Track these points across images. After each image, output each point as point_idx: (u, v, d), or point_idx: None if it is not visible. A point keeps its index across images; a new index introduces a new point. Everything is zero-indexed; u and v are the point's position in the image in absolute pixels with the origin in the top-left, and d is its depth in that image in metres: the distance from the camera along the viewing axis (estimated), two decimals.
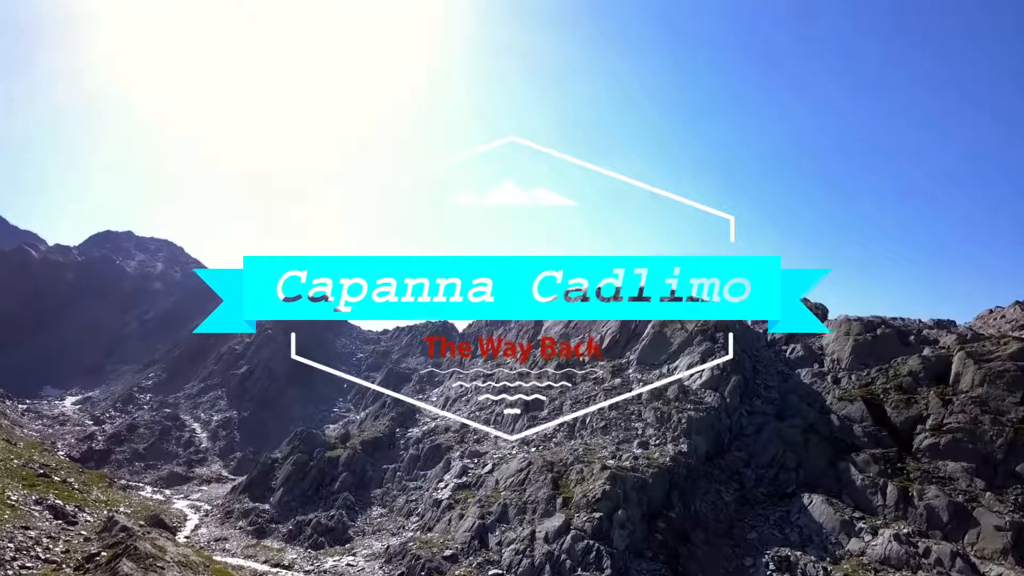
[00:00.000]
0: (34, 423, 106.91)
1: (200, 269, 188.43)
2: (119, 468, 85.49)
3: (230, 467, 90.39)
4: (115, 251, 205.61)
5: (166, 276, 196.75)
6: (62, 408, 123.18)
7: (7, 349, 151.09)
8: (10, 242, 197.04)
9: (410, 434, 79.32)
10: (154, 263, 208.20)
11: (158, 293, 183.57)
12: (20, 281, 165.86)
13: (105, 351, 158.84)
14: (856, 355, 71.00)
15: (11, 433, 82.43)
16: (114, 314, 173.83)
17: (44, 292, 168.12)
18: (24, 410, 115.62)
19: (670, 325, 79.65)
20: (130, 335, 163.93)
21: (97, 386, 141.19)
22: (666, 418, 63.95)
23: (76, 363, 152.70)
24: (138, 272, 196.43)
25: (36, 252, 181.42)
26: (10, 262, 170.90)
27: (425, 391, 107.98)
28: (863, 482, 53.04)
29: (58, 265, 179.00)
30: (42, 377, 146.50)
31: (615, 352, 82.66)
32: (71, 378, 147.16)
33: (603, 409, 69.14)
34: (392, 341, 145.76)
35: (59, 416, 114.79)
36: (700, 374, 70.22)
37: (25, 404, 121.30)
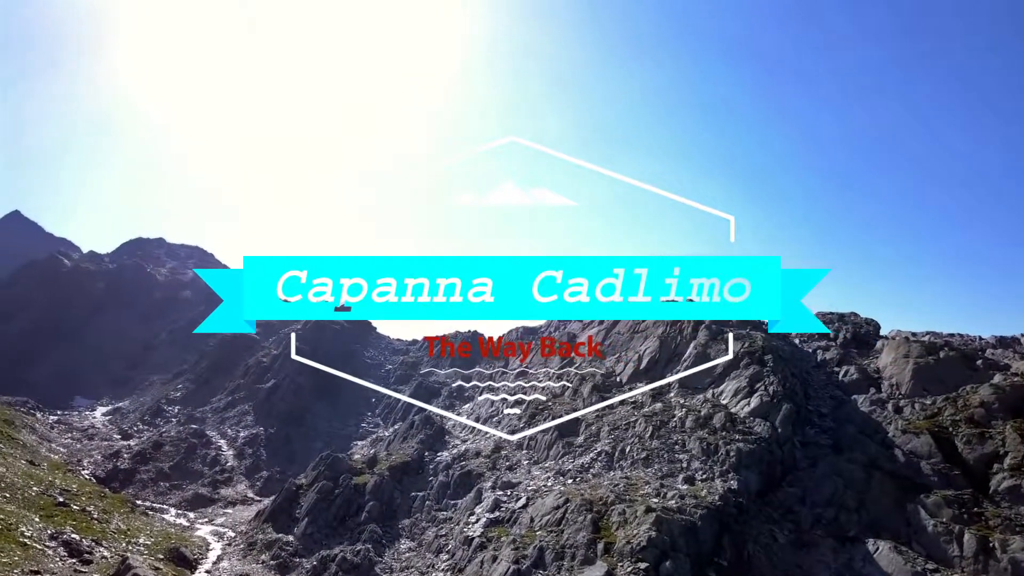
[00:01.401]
0: (63, 436, 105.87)
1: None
2: (144, 488, 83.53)
3: (256, 487, 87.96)
4: (146, 258, 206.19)
5: (196, 284, 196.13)
6: (92, 420, 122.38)
7: (39, 359, 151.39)
8: (44, 249, 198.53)
9: (440, 458, 75.96)
10: (184, 270, 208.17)
11: (187, 302, 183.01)
12: (52, 290, 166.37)
13: (135, 361, 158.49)
14: (917, 380, 66.06)
15: (36, 452, 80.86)
16: (144, 323, 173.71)
17: (75, 301, 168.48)
18: (55, 422, 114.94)
19: (714, 346, 75.32)
20: (159, 344, 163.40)
21: (127, 396, 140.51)
22: (713, 450, 59.69)
23: (106, 373, 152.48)
24: (168, 280, 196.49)
25: (68, 260, 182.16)
26: (42, 271, 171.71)
27: (455, 406, 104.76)
28: (935, 528, 48.34)
29: (89, 274, 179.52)
30: (73, 387, 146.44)
31: (655, 373, 78.50)
32: (102, 388, 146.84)
33: (643, 438, 65.15)
34: (421, 352, 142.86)
35: (88, 429, 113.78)
36: (748, 401, 65.79)
37: (56, 415, 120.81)
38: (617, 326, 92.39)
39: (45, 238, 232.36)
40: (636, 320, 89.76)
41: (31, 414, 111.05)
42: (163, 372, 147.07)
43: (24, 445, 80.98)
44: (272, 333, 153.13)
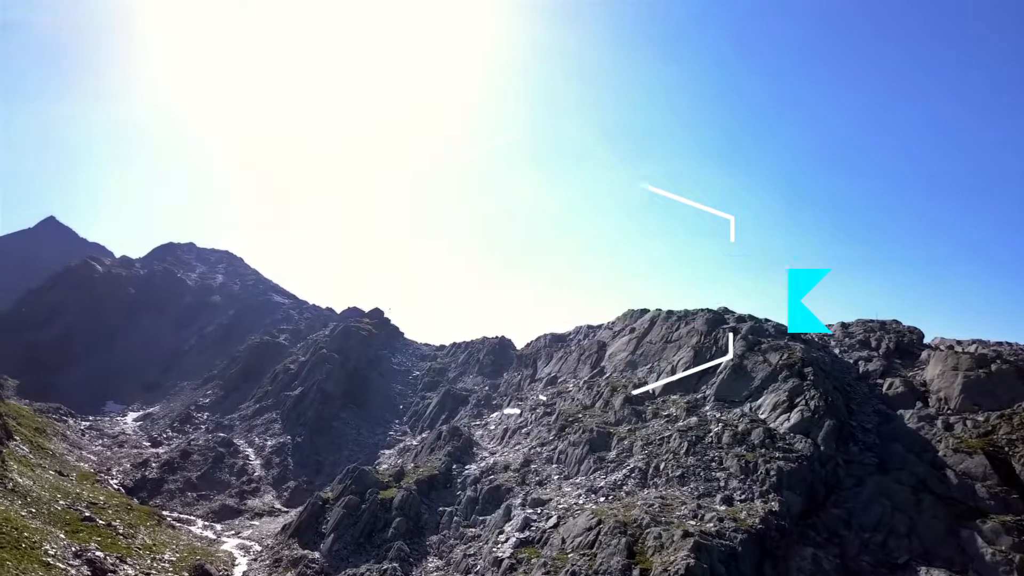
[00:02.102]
0: (94, 443, 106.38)
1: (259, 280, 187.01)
2: (171, 499, 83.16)
3: (283, 498, 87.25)
4: (177, 264, 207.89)
5: (225, 289, 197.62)
6: (123, 426, 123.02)
7: (73, 364, 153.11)
8: (78, 255, 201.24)
9: (468, 471, 74.34)
10: (214, 275, 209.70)
11: (216, 307, 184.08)
12: (85, 296, 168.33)
13: (165, 365, 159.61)
14: (968, 394, 62.89)
15: (65, 462, 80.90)
16: (174, 328, 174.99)
17: (107, 307, 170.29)
18: (87, 427, 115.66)
19: (751, 357, 72.64)
20: (189, 350, 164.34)
21: (158, 401, 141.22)
22: (752, 468, 57.25)
23: (138, 378, 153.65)
24: (198, 285, 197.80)
25: (100, 266, 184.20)
26: (76, 277, 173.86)
27: (483, 416, 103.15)
28: (994, 557, 45.50)
29: (121, 279, 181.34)
30: (105, 392, 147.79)
31: (689, 385, 76.05)
32: (133, 394, 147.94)
33: (678, 454, 62.88)
34: (448, 358, 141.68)
35: (119, 435, 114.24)
36: (788, 416, 63.14)
37: (88, 421, 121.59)
38: (649, 335, 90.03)
39: (79, 243, 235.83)
40: (669, 329, 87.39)
41: (63, 420, 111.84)
42: (193, 377, 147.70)
43: (53, 455, 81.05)
44: (299, 339, 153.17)
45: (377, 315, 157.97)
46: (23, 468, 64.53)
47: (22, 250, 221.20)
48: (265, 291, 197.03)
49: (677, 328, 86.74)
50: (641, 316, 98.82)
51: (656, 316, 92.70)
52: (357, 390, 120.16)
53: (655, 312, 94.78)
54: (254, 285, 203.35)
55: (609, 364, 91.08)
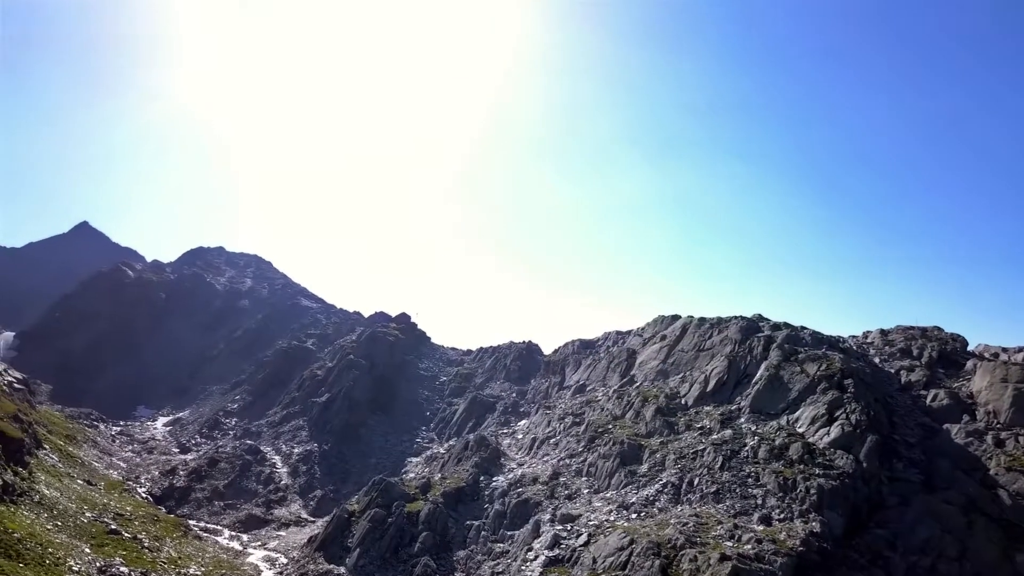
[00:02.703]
0: (124, 449, 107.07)
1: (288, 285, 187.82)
2: (198, 508, 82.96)
3: (309, 507, 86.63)
4: (206, 268, 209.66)
5: (253, 293, 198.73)
6: (153, 431, 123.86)
7: (104, 369, 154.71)
8: (110, 260, 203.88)
9: (495, 483, 72.94)
10: (243, 279, 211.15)
11: (245, 311, 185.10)
12: (116, 301, 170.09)
13: (195, 370, 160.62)
14: (1019, 408, 60.08)
15: (93, 471, 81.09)
16: (204, 333, 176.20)
17: (138, 312, 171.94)
18: (117, 433, 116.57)
19: (787, 368, 70.17)
20: (218, 354, 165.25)
21: (188, 406, 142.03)
22: (790, 485, 55.03)
23: (168, 383, 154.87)
24: (227, 289, 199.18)
25: (132, 271, 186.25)
26: (107, 282, 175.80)
27: (510, 423, 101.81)
28: None
29: (151, 284, 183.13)
30: (136, 397, 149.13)
31: (723, 396, 73.84)
32: (163, 398, 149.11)
33: (713, 469, 60.82)
34: (475, 363, 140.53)
35: (148, 441, 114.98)
36: (827, 430, 60.73)
37: (119, 426, 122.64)
38: (681, 343, 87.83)
39: (111, 248, 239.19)
40: (701, 337, 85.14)
41: (94, 426, 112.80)
42: (222, 382, 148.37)
43: (82, 463, 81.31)
44: (327, 344, 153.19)
45: (404, 320, 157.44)
46: (51, 479, 64.48)
47: (57, 256, 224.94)
48: (293, 295, 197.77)
49: (710, 336, 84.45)
50: (672, 323, 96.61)
51: (688, 323, 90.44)
52: (384, 396, 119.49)
53: (686, 319, 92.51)
54: (282, 289, 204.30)
55: (639, 373, 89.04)
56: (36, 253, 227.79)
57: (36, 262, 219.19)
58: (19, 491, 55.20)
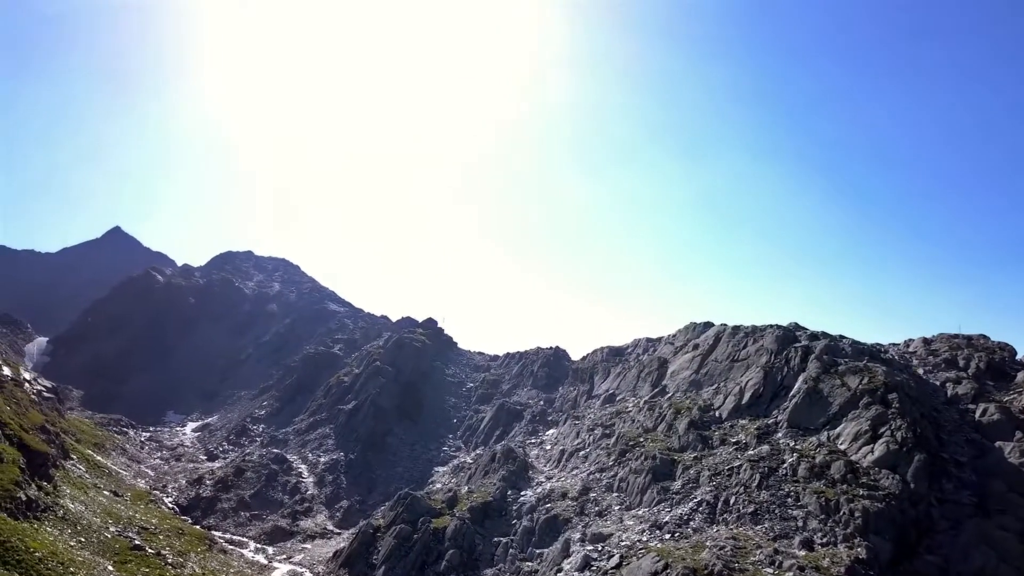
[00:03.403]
0: (153, 456, 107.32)
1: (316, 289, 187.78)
2: (224, 519, 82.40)
3: (335, 519, 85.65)
4: (235, 272, 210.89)
5: (281, 297, 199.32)
6: (181, 437, 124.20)
7: (134, 374, 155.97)
8: (141, 265, 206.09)
9: (523, 498, 71.20)
10: (271, 283, 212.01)
11: (273, 316, 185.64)
12: (146, 306, 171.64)
13: (224, 375, 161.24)
14: None
15: (120, 481, 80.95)
16: (232, 338, 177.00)
17: (168, 317, 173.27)
18: (147, 439, 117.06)
19: (827, 380, 67.35)
20: (246, 359, 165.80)
21: (216, 411, 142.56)
22: (833, 507, 52.45)
23: (197, 388, 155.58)
24: (255, 293, 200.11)
25: (162, 276, 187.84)
26: (138, 287, 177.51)
27: (538, 432, 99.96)
28: None
29: (181, 289, 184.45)
30: (165, 402, 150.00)
31: (758, 409, 71.21)
32: (192, 403, 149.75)
33: (750, 487, 58.38)
34: (502, 369, 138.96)
35: (177, 447, 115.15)
36: (871, 448, 57.97)
37: (148, 432, 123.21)
38: (714, 352, 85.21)
39: (143, 253, 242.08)
40: (735, 346, 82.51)
41: (123, 432, 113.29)
42: (250, 387, 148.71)
43: (109, 473, 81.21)
44: (354, 349, 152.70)
45: (430, 325, 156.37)
46: (76, 491, 64.12)
47: (90, 261, 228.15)
48: (321, 299, 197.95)
49: (744, 345, 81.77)
50: (704, 331, 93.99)
51: (721, 332, 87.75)
52: (410, 404, 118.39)
53: (720, 327, 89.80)
54: (310, 293, 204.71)
55: (671, 383, 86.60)
56: (70, 258, 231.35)
57: (70, 267, 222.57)
58: (43, 506, 54.74)
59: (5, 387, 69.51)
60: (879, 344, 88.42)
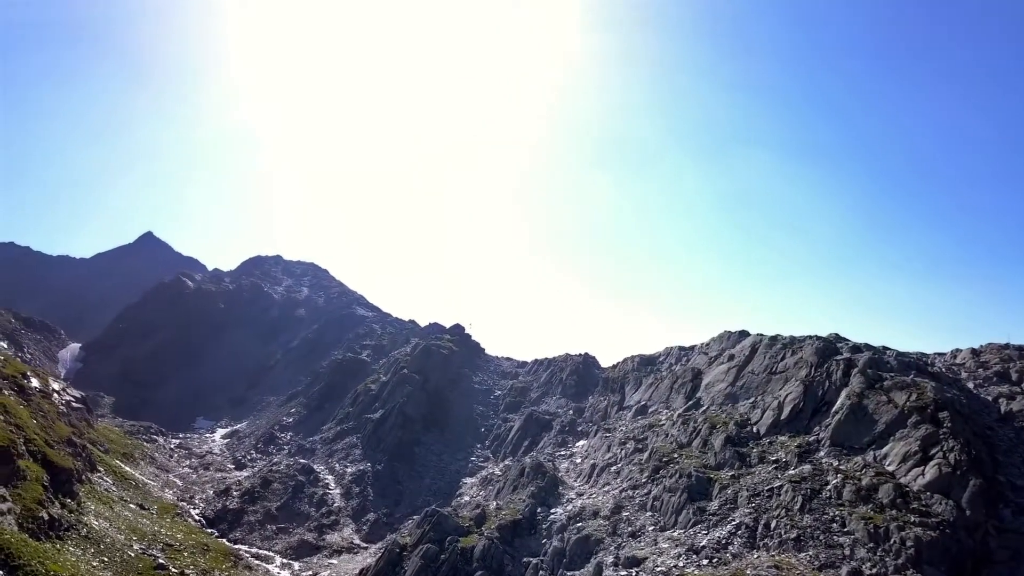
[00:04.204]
0: (182, 464, 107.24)
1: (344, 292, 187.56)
2: (251, 532, 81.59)
3: (362, 532, 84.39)
4: (264, 277, 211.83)
5: (310, 302, 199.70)
6: (210, 444, 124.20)
7: (166, 381, 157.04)
8: (172, 270, 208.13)
9: (553, 516, 69.14)
10: (300, 288, 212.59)
11: (302, 321, 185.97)
12: (177, 312, 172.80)
13: (253, 380, 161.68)
14: None
15: (147, 493, 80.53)
16: (261, 343, 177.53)
17: (198, 322, 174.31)
18: (176, 446, 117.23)
19: (872, 396, 64.18)
20: (275, 364, 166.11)
21: (245, 417, 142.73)
22: (883, 535, 49.52)
23: (226, 394, 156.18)
24: (284, 298, 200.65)
25: (192, 282, 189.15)
26: (168, 293, 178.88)
27: (567, 444, 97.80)
28: None
29: (210, 295, 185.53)
30: (196, 408, 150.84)
31: (798, 425, 68.25)
32: (222, 409, 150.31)
33: (791, 510, 55.62)
34: (530, 376, 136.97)
35: (206, 455, 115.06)
36: (922, 470, 54.85)
37: (178, 439, 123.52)
38: (751, 364, 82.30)
39: (174, 258, 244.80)
40: (773, 358, 79.54)
41: (153, 440, 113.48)
42: (278, 393, 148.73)
43: (136, 486, 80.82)
44: (382, 355, 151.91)
45: (458, 331, 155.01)
46: (101, 507, 63.51)
47: (123, 266, 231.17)
48: (349, 304, 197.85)
49: (782, 357, 78.75)
50: (740, 340, 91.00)
51: (757, 342, 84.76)
52: (438, 412, 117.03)
53: (755, 337, 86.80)
54: (338, 298, 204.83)
55: (706, 395, 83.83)
56: (103, 264, 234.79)
57: (102, 272, 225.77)
58: (66, 525, 54.03)
59: (32, 400, 69.19)
60: (923, 355, 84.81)
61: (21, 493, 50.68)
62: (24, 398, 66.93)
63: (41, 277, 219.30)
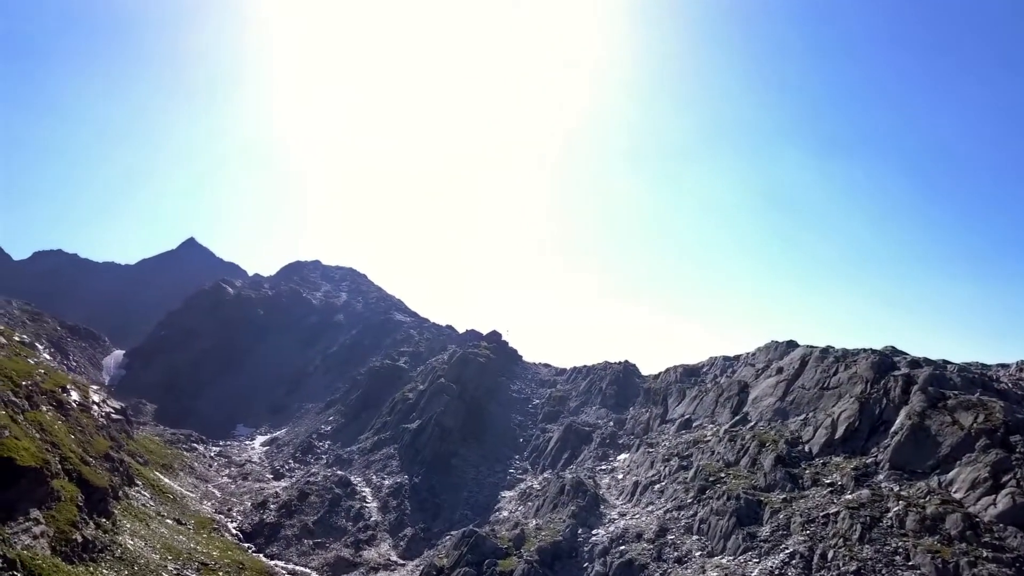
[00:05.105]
0: (221, 474, 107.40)
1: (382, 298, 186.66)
2: (287, 547, 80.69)
3: (399, 548, 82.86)
4: (302, 283, 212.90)
5: (348, 307, 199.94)
6: (250, 453, 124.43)
7: (206, 388, 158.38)
8: (213, 276, 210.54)
9: (595, 538, 66.67)
10: (338, 293, 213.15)
11: (340, 327, 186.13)
12: (217, 319, 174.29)
13: (292, 387, 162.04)
14: None
15: (185, 507, 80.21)
16: (300, 348, 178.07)
17: (238, 328, 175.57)
18: (216, 454, 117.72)
19: (935, 416, 60.33)
20: (314, 371, 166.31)
21: (285, 424, 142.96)
22: (952, 570, 46.05)
23: (266, 400, 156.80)
24: (323, 304, 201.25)
25: (232, 288, 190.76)
26: (208, 300, 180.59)
27: (608, 457, 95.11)
28: None
29: (250, 301, 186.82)
30: (236, 415, 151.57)
31: (854, 445, 64.64)
32: (261, 416, 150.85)
33: (850, 539, 52.30)
34: (569, 384, 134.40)
35: (245, 464, 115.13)
36: (993, 499, 51.09)
37: (218, 447, 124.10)
38: (801, 378, 78.68)
39: (215, 264, 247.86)
40: (825, 372, 75.83)
41: (193, 449, 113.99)
42: (317, 400, 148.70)
43: (174, 499, 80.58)
44: (419, 362, 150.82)
45: (495, 338, 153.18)
46: (136, 525, 62.98)
47: (166, 272, 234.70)
48: (387, 309, 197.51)
49: (835, 371, 75.03)
50: (788, 352, 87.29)
51: (807, 354, 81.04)
52: (475, 422, 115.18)
53: (805, 349, 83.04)
54: (376, 303, 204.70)
55: (753, 410, 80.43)
56: (146, 270, 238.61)
57: (146, 279, 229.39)
58: (100, 546, 53.35)
59: (71, 414, 69.12)
60: (985, 367, 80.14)
61: (55, 515, 50.08)
62: (62, 413, 66.80)
63: (88, 283, 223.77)
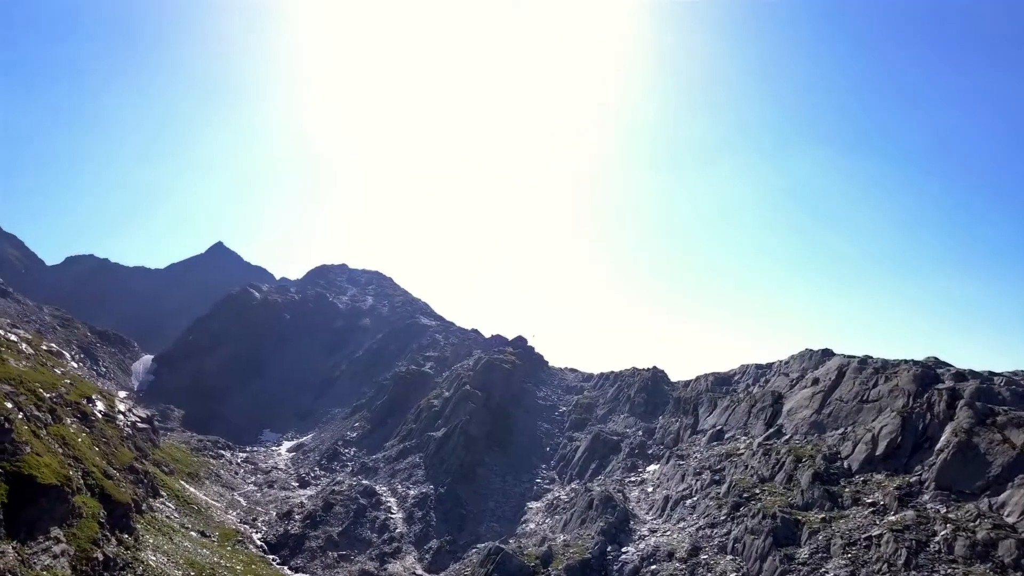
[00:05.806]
0: (247, 481, 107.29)
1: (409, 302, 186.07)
2: (312, 559, 79.89)
3: (424, 561, 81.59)
4: (329, 287, 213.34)
5: (374, 312, 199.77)
6: (276, 459, 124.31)
7: (233, 393, 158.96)
8: (241, 280, 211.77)
9: (624, 556, 64.66)
10: (364, 297, 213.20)
11: (366, 331, 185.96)
12: (244, 324, 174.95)
13: (318, 392, 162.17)
14: None
15: (210, 518, 79.74)
16: (326, 354, 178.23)
17: (265, 333, 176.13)
18: (243, 460, 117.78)
19: (984, 433, 57.34)
20: (340, 375, 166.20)
21: (311, 430, 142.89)
22: None
23: (292, 405, 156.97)
24: (349, 308, 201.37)
25: (259, 293, 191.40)
26: (236, 304, 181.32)
27: (637, 468, 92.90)
28: None
29: (276, 306, 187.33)
30: (263, 420, 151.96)
31: (896, 463, 61.80)
32: (288, 421, 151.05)
33: (894, 564, 49.74)
34: (596, 391, 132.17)
35: (271, 471, 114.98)
36: None
37: (245, 452, 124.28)
38: (838, 389, 75.80)
39: (243, 267, 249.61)
40: (863, 384, 72.94)
41: (219, 455, 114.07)
42: (343, 405, 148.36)
43: (199, 509, 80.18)
44: (444, 367, 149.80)
45: (520, 343, 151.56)
46: (159, 539, 62.39)
47: (195, 276, 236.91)
48: (413, 313, 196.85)
49: (874, 384, 72.09)
50: (823, 361, 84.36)
51: (844, 365, 78.11)
52: (501, 430, 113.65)
53: (842, 359, 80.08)
54: (402, 307, 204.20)
55: (788, 423, 77.72)
56: (175, 274, 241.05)
57: (175, 283, 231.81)
58: (121, 564, 52.66)
59: (95, 425, 68.86)
60: None
61: (76, 532, 49.43)
62: (86, 424, 66.52)
63: (119, 288, 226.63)
